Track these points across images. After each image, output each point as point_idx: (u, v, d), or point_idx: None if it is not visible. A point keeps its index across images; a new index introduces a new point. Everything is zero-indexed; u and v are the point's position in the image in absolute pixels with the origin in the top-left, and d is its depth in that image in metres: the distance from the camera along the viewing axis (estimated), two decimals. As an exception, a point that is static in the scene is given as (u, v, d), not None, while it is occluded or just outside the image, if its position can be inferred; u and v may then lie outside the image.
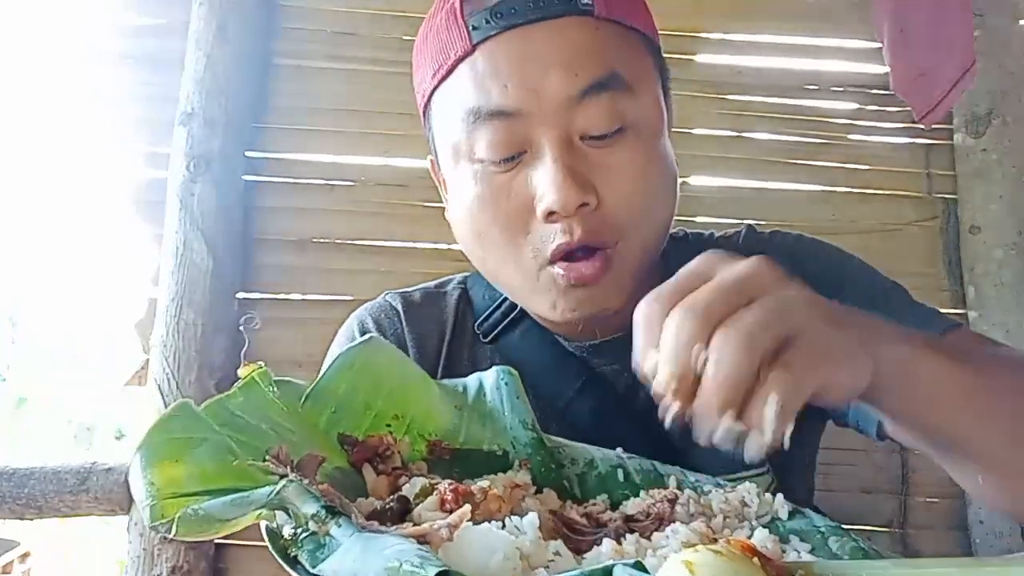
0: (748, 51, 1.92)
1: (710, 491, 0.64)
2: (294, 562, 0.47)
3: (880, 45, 1.75)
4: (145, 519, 0.48)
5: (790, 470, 0.81)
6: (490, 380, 0.70)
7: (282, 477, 0.49)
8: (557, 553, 0.47)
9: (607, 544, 0.50)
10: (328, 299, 1.76)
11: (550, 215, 0.69)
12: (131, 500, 1.58)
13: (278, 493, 0.47)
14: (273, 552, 0.47)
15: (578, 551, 0.51)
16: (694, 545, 0.47)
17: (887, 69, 1.73)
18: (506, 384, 0.69)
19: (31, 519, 1.57)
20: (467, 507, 0.49)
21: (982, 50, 1.75)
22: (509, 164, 0.71)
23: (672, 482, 0.66)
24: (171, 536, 0.46)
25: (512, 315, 0.85)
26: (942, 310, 1.78)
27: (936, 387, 0.56)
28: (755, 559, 0.46)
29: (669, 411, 0.47)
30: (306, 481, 0.49)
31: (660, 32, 0.80)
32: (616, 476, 0.67)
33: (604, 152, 0.70)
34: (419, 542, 0.44)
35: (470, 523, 0.47)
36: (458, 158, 0.74)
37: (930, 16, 1.64)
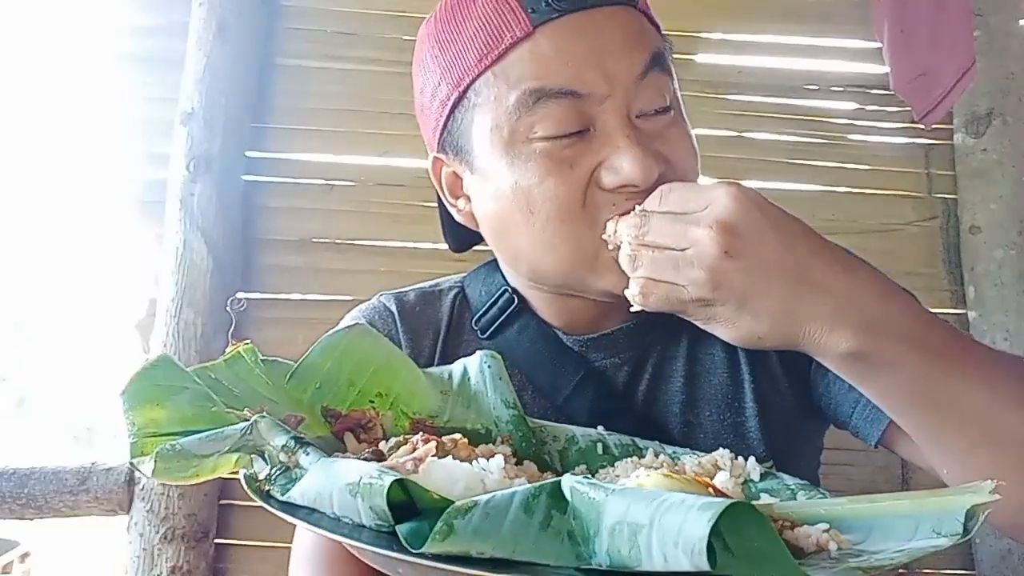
0: (748, 51, 1.92)
1: (685, 456, 0.67)
2: (268, 497, 0.49)
3: (880, 45, 1.75)
4: (127, 456, 0.51)
5: (794, 465, 0.81)
6: (474, 364, 0.72)
7: None
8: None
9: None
10: (328, 299, 1.76)
11: (622, 187, 0.70)
12: (131, 500, 1.58)
13: (251, 427, 0.49)
14: (250, 493, 0.49)
15: None
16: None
17: (887, 69, 1.73)
18: (489, 367, 0.71)
19: (31, 519, 1.57)
20: (432, 444, 0.51)
21: (982, 50, 1.76)
22: (569, 140, 0.71)
23: (649, 453, 0.68)
24: (150, 474, 0.48)
25: (509, 310, 0.84)
26: (942, 310, 1.81)
27: (897, 382, 0.59)
28: (709, 489, 0.48)
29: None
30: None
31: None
32: (595, 449, 0.70)
33: (659, 127, 0.73)
34: None
35: (435, 458, 0.49)
36: (508, 140, 0.72)
37: (930, 16, 1.64)
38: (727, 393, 0.81)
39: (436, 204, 0.89)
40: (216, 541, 1.65)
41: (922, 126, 1.80)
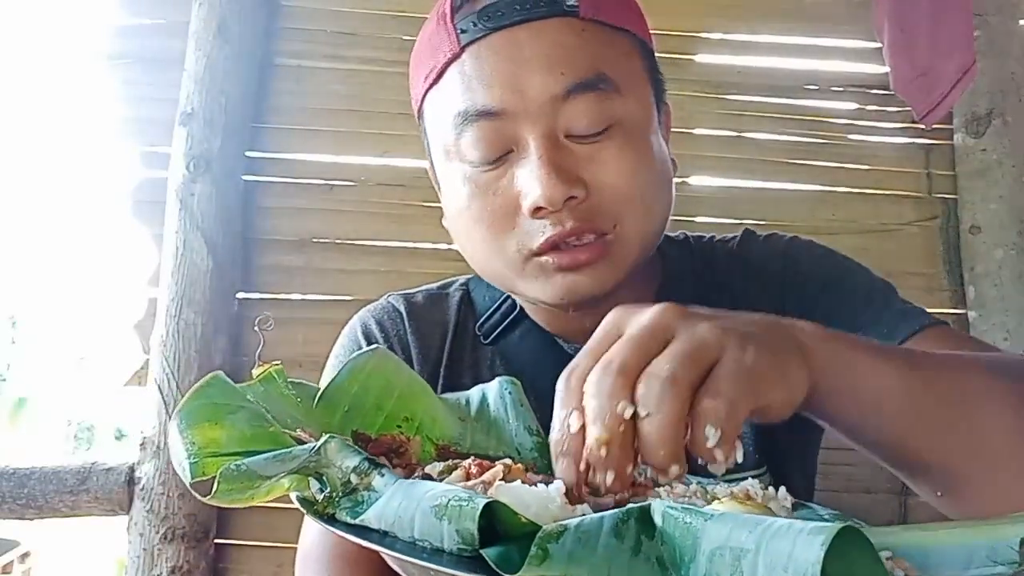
0: (748, 51, 1.92)
1: (716, 486, 0.65)
2: (332, 520, 0.47)
3: (880, 45, 1.75)
4: (185, 478, 0.48)
5: (789, 473, 0.81)
6: (493, 391, 0.71)
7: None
8: (584, 515, 0.48)
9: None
10: (328, 299, 1.76)
11: (537, 211, 0.69)
12: (131, 500, 1.58)
13: (320, 447, 0.47)
14: (309, 516, 0.48)
15: None
16: None
17: (887, 69, 1.73)
18: (509, 393, 0.70)
19: (31, 519, 1.57)
20: (499, 466, 0.50)
21: (982, 50, 1.75)
22: (496, 163, 0.71)
23: (676, 483, 0.67)
24: (209, 496, 0.46)
25: (512, 316, 0.85)
26: (942, 310, 1.82)
27: (881, 394, 0.53)
28: None
29: (606, 478, 0.44)
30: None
31: (660, 32, 0.81)
32: None
33: (591, 148, 0.71)
34: None
35: (503, 482, 0.48)
36: (449, 159, 0.75)
37: (930, 16, 1.64)
38: None
39: (437, 204, 0.90)
40: (216, 541, 1.65)
41: (922, 126, 1.80)
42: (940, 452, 0.57)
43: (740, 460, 0.44)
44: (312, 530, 0.83)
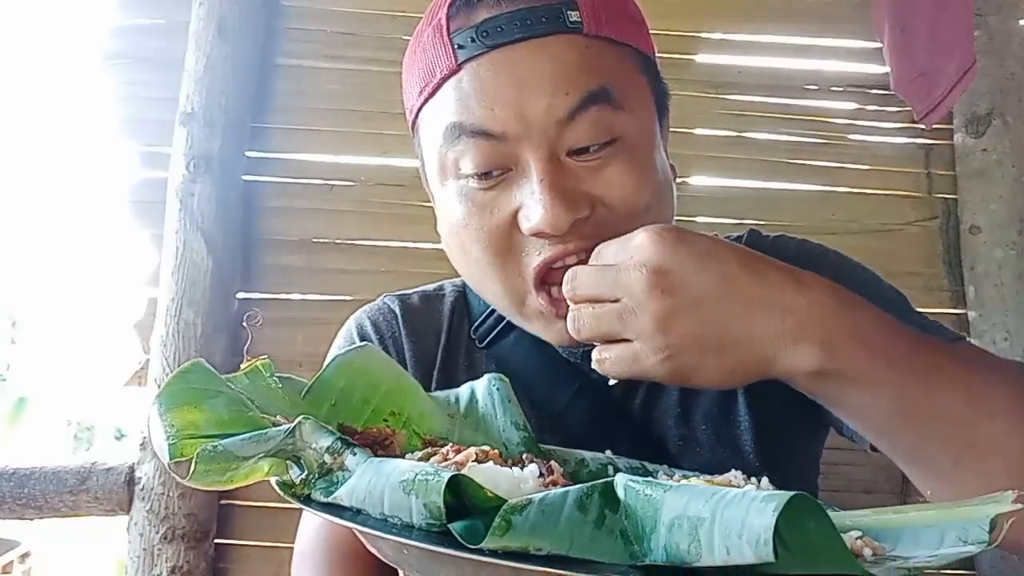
0: (748, 51, 1.92)
1: (698, 477, 0.65)
2: (308, 500, 0.48)
3: (880, 45, 1.75)
4: (164, 458, 0.49)
5: (790, 476, 0.81)
6: (481, 387, 0.71)
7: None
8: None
9: None
10: (328, 299, 1.76)
11: (539, 234, 0.68)
12: (131, 500, 1.58)
13: (295, 429, 0.48)
14: (287, 497, 0.49)
15: None
16: None
17: (887, 69, 1.73)
18: (497, 390, 0.70)
19: (31, 519, 1.57)
20: (472, 449, 0.52)
21: (982, 50, 1.76)
22: (493, 181, 0.70)
23: (661, 475, 0.68)
24: (187, 477, 0.47)
25: (506, 321, 0.84)
26: (942, 310, 1.82)
27: (877, 393, 0.56)
28: None
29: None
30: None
31: (660, 32, 0.80)
32: (606, 472, 0.69)
33: (593, 165, 0.69)
34: None
35: (475, 463, 0.49)
36: (444, 175, 0.73)
37: (930, 16, 1.64)
38: (721, 406, 0.80)
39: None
40: (216, 541, 1.65)
41: (922, 126, 1.80)
42: (925, 453, 0.59)
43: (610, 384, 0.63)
44: (309, 526, 0.83)
